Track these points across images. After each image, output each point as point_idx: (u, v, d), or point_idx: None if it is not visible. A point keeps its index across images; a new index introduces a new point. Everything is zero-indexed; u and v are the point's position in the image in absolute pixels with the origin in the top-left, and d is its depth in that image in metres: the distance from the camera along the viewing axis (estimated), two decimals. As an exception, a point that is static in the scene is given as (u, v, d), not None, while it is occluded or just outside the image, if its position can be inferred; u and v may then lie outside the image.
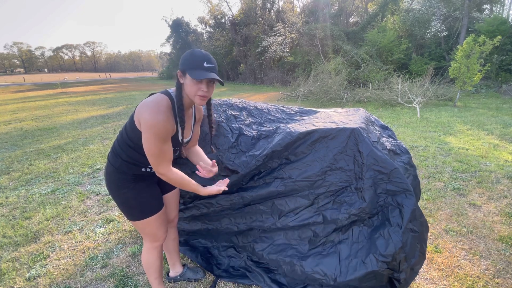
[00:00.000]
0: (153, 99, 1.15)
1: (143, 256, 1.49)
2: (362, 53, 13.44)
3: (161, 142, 1.14)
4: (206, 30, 28.85)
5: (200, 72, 1.13)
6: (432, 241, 2.12)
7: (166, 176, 1.22)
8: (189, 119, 1.37)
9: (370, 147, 1.55)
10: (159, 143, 1.14)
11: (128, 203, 1.32)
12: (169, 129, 1.15)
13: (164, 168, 1.19)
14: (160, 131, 1.11)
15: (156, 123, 1.10)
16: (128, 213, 1.34)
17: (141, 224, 1.36)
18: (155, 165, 1.18)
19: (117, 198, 1.32)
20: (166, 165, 1.20)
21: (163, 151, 1.16)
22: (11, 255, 2.09)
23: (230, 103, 2.12)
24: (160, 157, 1.16)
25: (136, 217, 1.34)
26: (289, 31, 19.04)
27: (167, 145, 1.18)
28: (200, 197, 1.85)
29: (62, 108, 10.35)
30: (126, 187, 1.30)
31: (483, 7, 15.44)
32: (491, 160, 3.75)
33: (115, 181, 1.29)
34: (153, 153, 1.14)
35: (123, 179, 1.30)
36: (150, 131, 1.10)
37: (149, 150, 1.14)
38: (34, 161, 4.26)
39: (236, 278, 1.76)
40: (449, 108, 7.88)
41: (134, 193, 1.32)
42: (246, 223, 1.78)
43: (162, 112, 1.12)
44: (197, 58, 1.14)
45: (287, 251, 1.65)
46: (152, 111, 1.11)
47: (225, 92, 15.83)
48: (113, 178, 1.30)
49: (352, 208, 1.54)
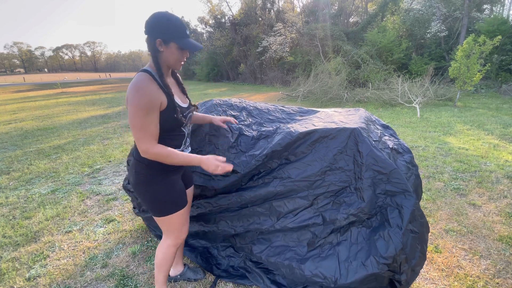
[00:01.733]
0: (134, 78, 1.16)
1: (160, 252, 1.47)
2: (362, 53, 13.44)
3: (144, 113, 1.11)
4: (206, 30, 28.86)
5: (188, 41, 1.18)
6: (432, 241, 2.12)
7: (150, 152, 1.17)
8: (175, 86, 1.36)
9: (369, 147, 1.55)
10: (142, 114, 1.11)
11: (158, 198, 1.31)
12: (153, 99, 1.13)
13: (147, 143, 1.15)
14: (141, 101, 1.09)
15: (136, 93, 1.09)
16: (158, 208, 1.33)
17: (168, 219, 1.36)
18: (138, 139, 1.14)
19: (146, 195, 1.30)
20: (149, 140, 1.15)
21: (146, 123, 1.13)
22: (11, 255, 2.09)
23: (230, 103, 2.12)
24: (143, 130, 1.13)
25: (165, 212, 1.34)
26: (289, 31, 19.04)
27: (151, 118, 1.14)
28: (199, 197, 1.85)
29: (62, 108, 10.35)
30: (156, 182, 1.29)
31: (483, 7, 15.42)
32: (491, 160, 3.75)
33: (145, 178, 1.28)
34: (136, 125, 1.12)
35: (154, 174, 1.28)
36: (132, 103, 1.09)
37: (132, 123, 1.12)
38: (34, 161, 4.26)
39: (235, 279, 1.76)
40: (449, 108, 7.87)
41: (165, 187, 1.31)
42: (243, 225, 1.76)
43: (142, 83, 1.12)
44: (179, 25, 1.15)
45: (285, 254, 1.64)
46: (132, 85, 1.11)
47: (225, 92, 15.83)
48: (143, 175, 1.28)
49: (351, 208, 1.54)
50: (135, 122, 1.11)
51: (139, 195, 1.33)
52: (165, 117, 1.20)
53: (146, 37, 1.17)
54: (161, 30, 1.13)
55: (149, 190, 1.29)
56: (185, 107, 1.34)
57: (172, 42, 1.16)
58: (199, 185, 1.77)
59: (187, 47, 1.18)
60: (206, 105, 2.13)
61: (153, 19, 1.13)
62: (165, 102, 1.18)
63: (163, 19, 1.14)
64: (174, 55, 1.18)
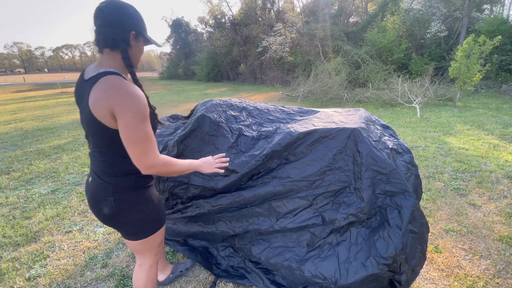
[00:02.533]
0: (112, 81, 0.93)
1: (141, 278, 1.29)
2: (362, 53, 13.43)
3: (145, 121, 0.96)
4: (206, 30, 28.83)
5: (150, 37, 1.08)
6: (432, 241, 2.12)
7: (158, 165, 1.00)
8: None
9: (369, 147, 1.55)
10: (144, 124, 0.95)
11: (147, 218, 1.16)
12: (145, 102, 0.98)
13: (154, 155, 0.99)
14: (141, 108, 0.93)
15: (134, 99, 0.92)
16: (146, 229, 1.18)
17: (153, 238, 1.21)
18: (143, 154, 0.96)
19: (134, 218, 1.12)
20: (154, 151, 0.99)
21: (149, 133, 0.98)
22: (11, 255, 2.09)
23: (230, 103, 2.12)
24: (148, 141, 0.97)
25: (153, 230, 1.20)
26: (289, 31, 19.03)
27: (149, 126, 0.99)
28: (199, 197, 1.85)
29: (62, 108, 10.34)
30: (143, 202, 1.14)
31: (483, 7, 15.42)
32: (491, 160, 3.75)
33: (131, 201, 1.11)
34: (140, 138, 0.94)
35: (141, 194, 1.13)
36: (132, 112, 0.91)
37: (134, 137, 0.93)
38: (34, 161, 4.26)
39: (235, 279, 1.76)
40: (449, 108, 7.87)
41: (152, 204, 1.17)
42: (242, 226, 1.76)
43: (132, 87, 0.95)
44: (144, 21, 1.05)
45: (285, 254, 1.64)
46: (123, 91, 0.92)
47: (225, 92, 15.83)
48: (126, 200, 1.09)
49: (350, 208, 1.54)
50: (139, 134, 0.94)
51: (122, 224, 1.12)
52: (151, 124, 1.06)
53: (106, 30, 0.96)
54: (135, 22, 1.00)
55: (138, 212, 1.13)
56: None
57: (141, 36, 1.04)
58: (198, 185, 1.77)
59: (152, 41, 1.08)
60: (206, 105, 2.12)
61: (125, 9, 0.97)
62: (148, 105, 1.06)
63: (134, 10, 1.01)
64: (140, 50, 1.07)
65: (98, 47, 1.00)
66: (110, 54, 1.00)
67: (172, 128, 2.19)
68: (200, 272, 1.87)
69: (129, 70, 1.02)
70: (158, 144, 2.00)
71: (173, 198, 1.86)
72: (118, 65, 1.01)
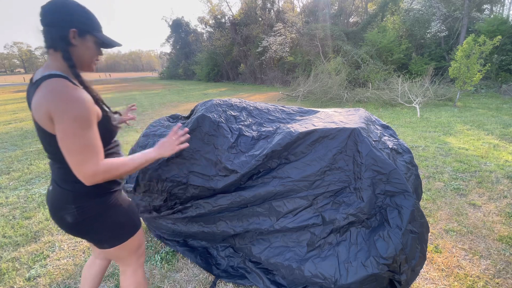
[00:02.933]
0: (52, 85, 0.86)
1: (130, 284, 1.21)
2: (362, 53, 13.43)
3: (85, 127, 0.87)
4: (206, 30, 28.84)
5: (105, 36, 1.00)
6: (432, 241, 2.12)
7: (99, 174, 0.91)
8: None
9: (369, 147, 1.55)
10: (83, 129, 0.86)
11: (116, 224, 1.09)
12: (90, 108, 0.89)
13: (94, 164, 0.89)
14: (80, 113, 0.85)
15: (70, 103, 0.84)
16: (117, 236, 1.10)
17: (130, 242, 1.15)
18: (80, 163, 0.87)
19: (99, 226, 1.06)
20: (96, 160, 0.90)
21: (90, 140, 0.88)
22: (11, 255, 2.09)
23: (230, 103, 2.12)
24: (87, 149, 0.87)
25: (126, 236, 1.12)
26: (289, 31, 19.03)
27: (93, 132, 0.90)
28: (199, 197, 1.85)
29: (62, 108, 10.33)
30: (108, 208, 1.06)
31: (483, 7, 15.43)
32: (491, 160, 3.75)
33: (95, 208, 1.03)
34: (75, 146, 0.86)
35: (104, 200, 1.05)
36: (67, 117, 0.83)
37: (71, 145, 0.85)
38: (34, 161, 4.26)
39: (235, 279, 1.76)
40: (449, 108, 7.87)
41: (119, 209, 1.10)
42: (243, 226, 1.76)
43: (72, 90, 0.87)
44: (94, 18, 0.98)
45: (285, 254, 1.64)
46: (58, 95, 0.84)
47: (225, 92, 15.83)
48: (92, 208, 1.03)
49: (350, 208, 1.54)
50: (74, 141, 0.85)
51: (88, 232, 1.06)
52: (102, 130, 0.98)
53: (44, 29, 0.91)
54: (76, 18, 0.91)
55: (101, 220, 1.05)
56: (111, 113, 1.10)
57: (89, 35, 0.95)
58: (197, 186, 1.77)
59: (107, 41, 0.99)
60: (206, 105, 2.12)
61: (63, 6, 0.90)
62: (99, 110, 0.97)
63: (77, 6, 0.93)
64: (90, 51, 0.97)
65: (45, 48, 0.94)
66: (54, 55, 0.93)
67: (171, 128, 2.18)
68: (200, 272, 1.87)
69: (72, 71, 0.94)
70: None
71: (172, 199, 1.86)
72: (65, 66, 0.94)
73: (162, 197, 1.85)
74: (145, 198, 1.91)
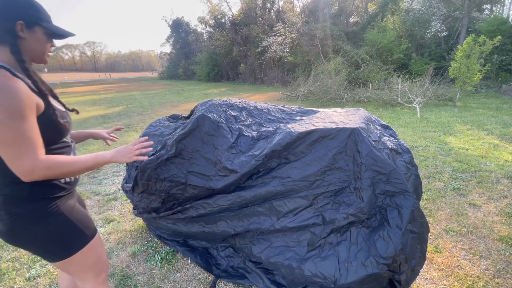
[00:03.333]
0: None
1: None
2: (362, 53, 13.43)
3: (18, 118, 0.81)
4: (206, 30, 28.85)
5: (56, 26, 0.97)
6: (432, 241, 2.12)
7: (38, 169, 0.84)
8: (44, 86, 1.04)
9: (369, 147, 1.55)
10: (17, 122, 0.81)
11: (60, 233, 0.99)
12: (26, 99, 0.84)
13: (31, 158, 0.83)
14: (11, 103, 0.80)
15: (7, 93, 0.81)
16: (62, 248, 1.00)
17: (80, 256, 1.04)
18: (15, 158, 0.82)
19: (38, 238, 0.96)
20: (33, 153, 0.84)
21: (25, 132, 0.83)
22: (11, 255, 2.09)
23: (230, 103, 2.12)
24: (21, 142, 0.82)
25: (74, 248, 1.03)
26: (289, 31, 19.04)
27: (30, 124, 0.84)
28: (198, 198, 1.85)
29: (62, 108, 10.33)
30: (45, 216, 0.96)
31: (483, 7, 15.44)
32: (491, 160, 3.75)
33: (30, 216, 0.94)
34: (10, 139, 0.81)
35: (40, 206, 0.95)
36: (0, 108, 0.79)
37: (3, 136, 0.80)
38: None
39: (235, 279, 1.76)
40: (449, 108, 7.87)
41: (60, 217, 0.99)
42: (243, 225, 1.76)
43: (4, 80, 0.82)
44: (41, 6, 0.95)
45: (285, 254, 1.64)
46: None
47: (225, 92, 15.83)
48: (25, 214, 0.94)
49: (350, 208, 1.54)
50: (4, 133, 0.80)
51: (25, 242, 0.97)
52: (44, 125, 0.91)
53: None
54: (22, 10, 0.88)
55: (42, 229, 0.96)
56: (65, 112, 1.05)
57: (37, 26, 0.92)
58: (196, 186, 1.76)
59: (59, 31, 0.96)
60: (206, 105, 2.12)
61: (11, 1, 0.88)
62: (41, 103, 0.91)
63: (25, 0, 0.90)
64: (41, 42, 0.94)
65: None
66: (2, 49, 0.90)
67: (171, 128, 2.18)
68: (200, 272, 1.87)
69: (20, 65, 0.91)
70: (158, 144, 1.99)
71: (170, 200, 1.85)
72: (13, 59, 0.91)
73: (160, 198, 1.83)
74: (143, 199, 1.90)
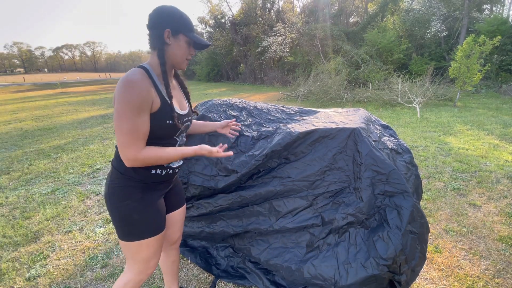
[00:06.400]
0: (127, 72, 1.02)
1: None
2: (362, 53, 13.44)
3: (134, 114, 0.96)
4: (206, 30, 28.84)
5: (196, 35, 1.09)
6: (432, 241, 2.12)
7: (138, 159, 1.01)
8: (176, 89, 1.22)
9: (369, 147, 1.55)
10: (132, 115, 0.96)
11: (129, 217, 1.10)
12: (145, 97, 0.98)
13: (135, 149, 0.99)
14: (133, 99, 0.95)
15: (127, 89, 0.95)
16: (126, 230, 1.11)
17: (136, 246, 1.13)
18: (124, 144, 0.98)
19: (116, 211, 1.10)
20: (138, 145, 1.00)
21: (136, 126, 0.97)
22: (11, 255, 2.09)
23: (230, 103, 2.12)
24: (131, 133, 0.97)
25: (134, 236, 1.12)
26: (289, 31, 19.03)
27: (142, 120, 0.99)
28: (198, 197, 1.85)
29: (62, 108, 10.35)
30: (130, 197, 1.10)
31: (483, 7, 15.44)
32: (491, 160, 3.75)
33: (119, 190, 1.09)
34: (123, 128, 0.96)
35: (130, 187, 1.10)
36: (122, 101, 0.95)
37: (119, 125, 0.96)
38: (34, 161, 4.26)
39: (235, 279, 1.76)
40: (449, 108, 7.87)
41: (140, 205, 1.11)
42: (242, 225, 1.76)
43: (135, 78, 0.97)
44: (187, 19, 1.08)
45: (284, 255, 1.64)
46: (123, 81, 0.97)
47: (225, 92, 15.83)
48: (117, 186, 1.10)
49: (349, 208, 1.54)
50: (122, 124, 0.96)
51: (109, 209, 1.13)
52: (155, 122, 1.05)
53: (149, 32, 1.07)
54: (171, 20, 1.04)
55: (121, 206, 1.09)
56: (183, 114, 1.18)
57: (181, 34, 1.06)
58: (197, 185, 1.77)
59: (198, 40, 1.08)
60: (206, 105, 2.13)
61: (161, 10, 1.04)
62: (157, 102, 1.04)
63: (173, 10, 1.06)
64: (182, 49, 1.08)
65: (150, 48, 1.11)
66: (152, 53, 1.09)
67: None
68: (200, 272, 1.87)
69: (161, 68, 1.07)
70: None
71: None
72: (156, 63, 1.08)
73: None
74: None
